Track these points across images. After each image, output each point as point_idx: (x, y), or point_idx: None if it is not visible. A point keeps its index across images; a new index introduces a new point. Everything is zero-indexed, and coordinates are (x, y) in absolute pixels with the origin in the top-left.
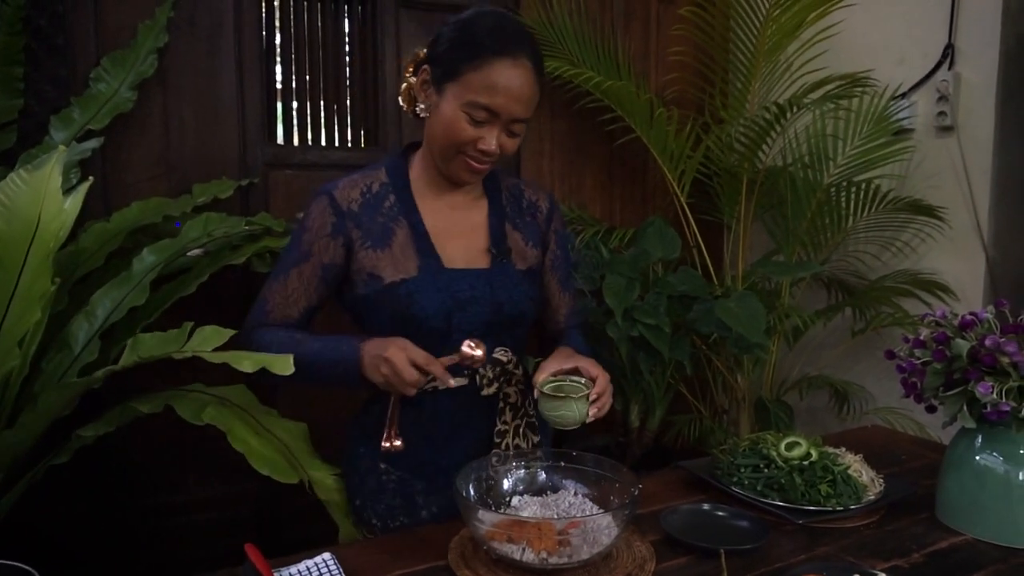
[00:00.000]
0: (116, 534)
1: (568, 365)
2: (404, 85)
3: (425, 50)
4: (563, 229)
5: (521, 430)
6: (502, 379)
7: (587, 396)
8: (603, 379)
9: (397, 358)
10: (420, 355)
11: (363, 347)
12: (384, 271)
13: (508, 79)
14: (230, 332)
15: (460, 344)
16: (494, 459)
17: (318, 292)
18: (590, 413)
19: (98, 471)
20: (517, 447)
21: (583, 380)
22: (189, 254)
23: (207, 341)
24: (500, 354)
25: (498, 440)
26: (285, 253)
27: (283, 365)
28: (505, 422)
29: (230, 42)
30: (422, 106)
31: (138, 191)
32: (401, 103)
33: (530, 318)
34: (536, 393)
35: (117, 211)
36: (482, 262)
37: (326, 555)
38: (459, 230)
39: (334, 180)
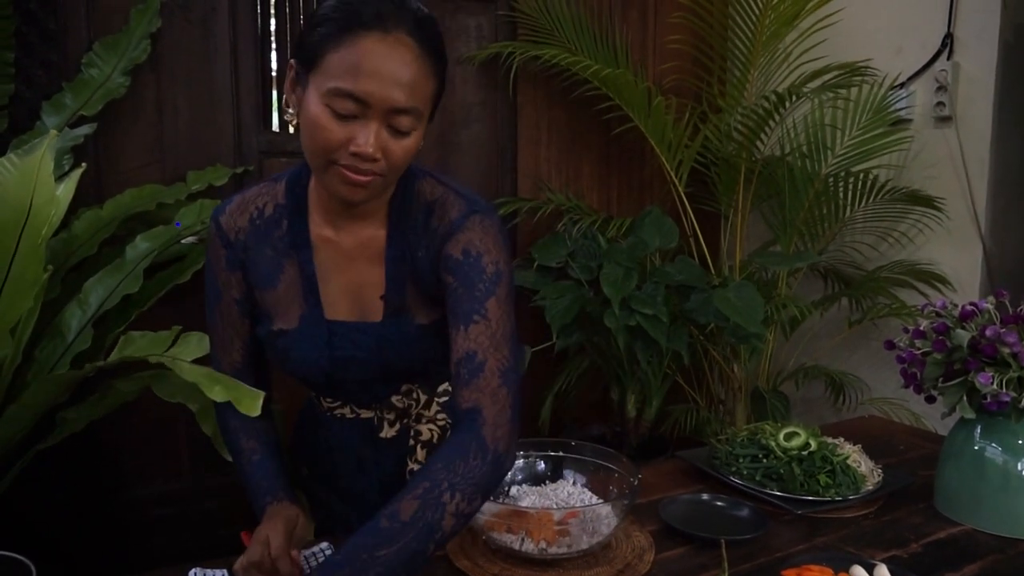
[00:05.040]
0: (109, 524)
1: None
2: (284, 98)
3: None
4: (469, 249)
5: None
6: (405, 419)
7: None
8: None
9: (249, 553)
10: (274, 548)
11: (267, 511)
12: (273, 313)
13: (378, 57)
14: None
15: (349, 393)
16: None
17: (246, 327)
18: None
19: (90, 460)
20: None
21: None
22: (183, 241)
23: (188, 350)
24: (398, 400)
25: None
26: (206, 290)
27: (250, 405)
28: (418, 460)
29: (224, 27)
30: (291, 111)
31: (131, 178)
32: (287, 119)
33: (435, 368)
34: None
35: (110, 198)
36: (374, 312)
37: (323, 544)
38: (354, 270)
39: (229, 198)
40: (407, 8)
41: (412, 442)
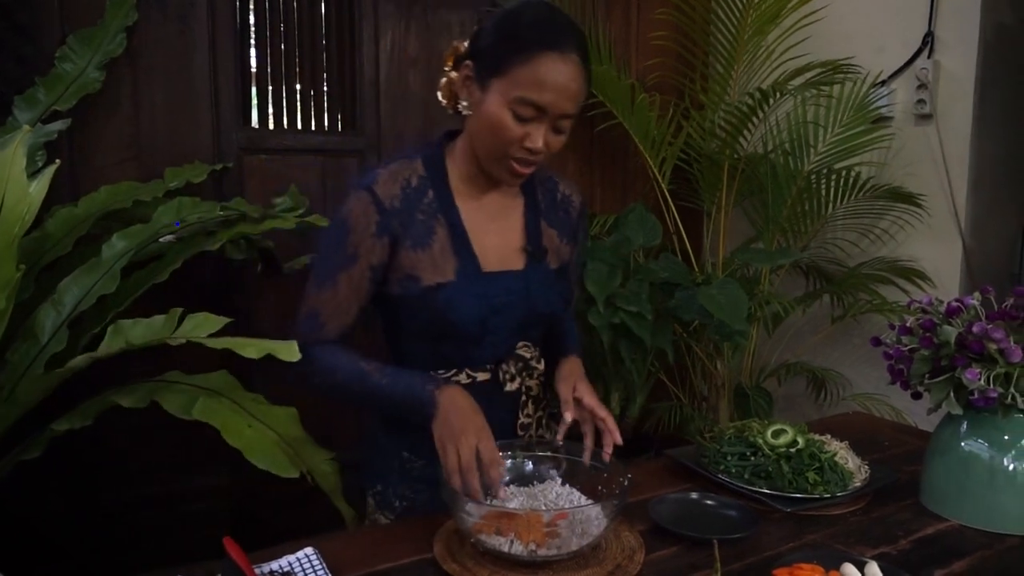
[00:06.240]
0: (91, 528)
1: (576, 394)
2: (444, 80)
3: (465, 44)
4: (586, 225)
5: (544, 421)
6: (524, 373)
7: None
8: (609, 420)
9: (465, 449)
10: (488, 453)
11: (440, 398)
12: (423, 273)
13: (557, 74)
14: (224, 320)
15: (490, 345)
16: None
17: (368, 293)
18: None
19: (72, 464)
20: (541, 438)
21: None
22: (161, 240)
23: (200, 327)
24: (523, 350)
25: (522, 433)
26: (326, 255)
27: (289, 352)
28: (528, 415)
29: (203, 22)
30: (464, 103)
31: (107, 175)
32: (440, 99)
33: (559, 315)
34: None
35: (85, 196)
36: (517, 262)
37: (308, 550)
38: (496, 229)
39: (370, 172)
40: (576, 31)
41: (524, 397)
